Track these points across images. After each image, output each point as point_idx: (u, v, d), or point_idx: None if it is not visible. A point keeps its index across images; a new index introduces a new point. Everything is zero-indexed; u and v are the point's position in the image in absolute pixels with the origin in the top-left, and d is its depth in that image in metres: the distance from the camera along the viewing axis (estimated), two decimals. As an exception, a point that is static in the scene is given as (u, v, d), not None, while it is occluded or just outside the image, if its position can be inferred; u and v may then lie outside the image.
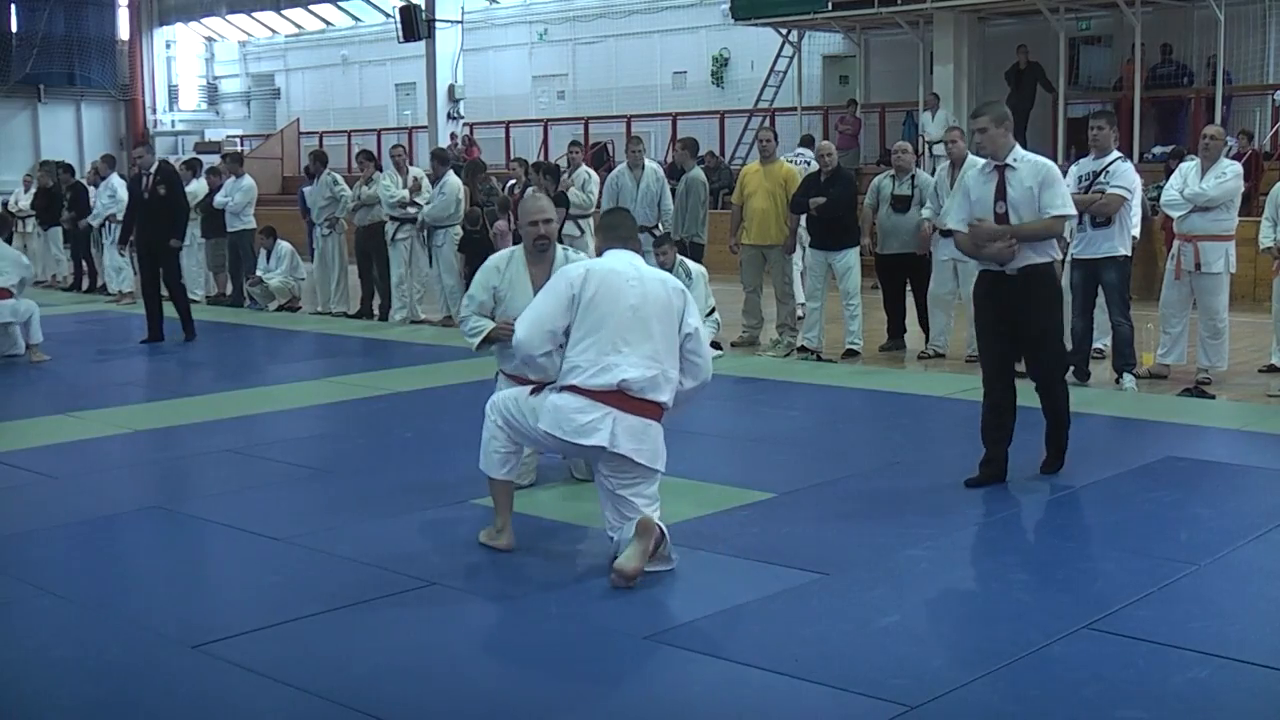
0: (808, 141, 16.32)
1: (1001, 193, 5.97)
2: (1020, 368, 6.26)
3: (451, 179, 12.59)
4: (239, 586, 4.90)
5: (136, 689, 3.90)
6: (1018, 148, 6.07)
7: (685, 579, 4.96)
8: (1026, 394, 6.21)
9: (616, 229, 5.19)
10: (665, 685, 3.94)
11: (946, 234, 9.67)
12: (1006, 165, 5.99)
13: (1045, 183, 5.94)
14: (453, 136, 23.34)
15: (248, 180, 14.50)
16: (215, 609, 4.58)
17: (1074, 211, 6.12)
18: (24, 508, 6.00)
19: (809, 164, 12.91)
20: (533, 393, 4.98)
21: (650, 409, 4.86)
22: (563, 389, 4.85)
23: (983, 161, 6.26)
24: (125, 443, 7.45)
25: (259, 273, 14.15)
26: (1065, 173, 9.76)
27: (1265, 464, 6.68)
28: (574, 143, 14.64)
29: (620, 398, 4.78)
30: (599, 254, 5.29)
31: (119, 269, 15.09)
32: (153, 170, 11.65)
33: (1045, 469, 6.18)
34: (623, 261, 5.01)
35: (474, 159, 17.81)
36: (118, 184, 15.72)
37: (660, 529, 4.77)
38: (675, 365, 4.94)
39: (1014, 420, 6.07)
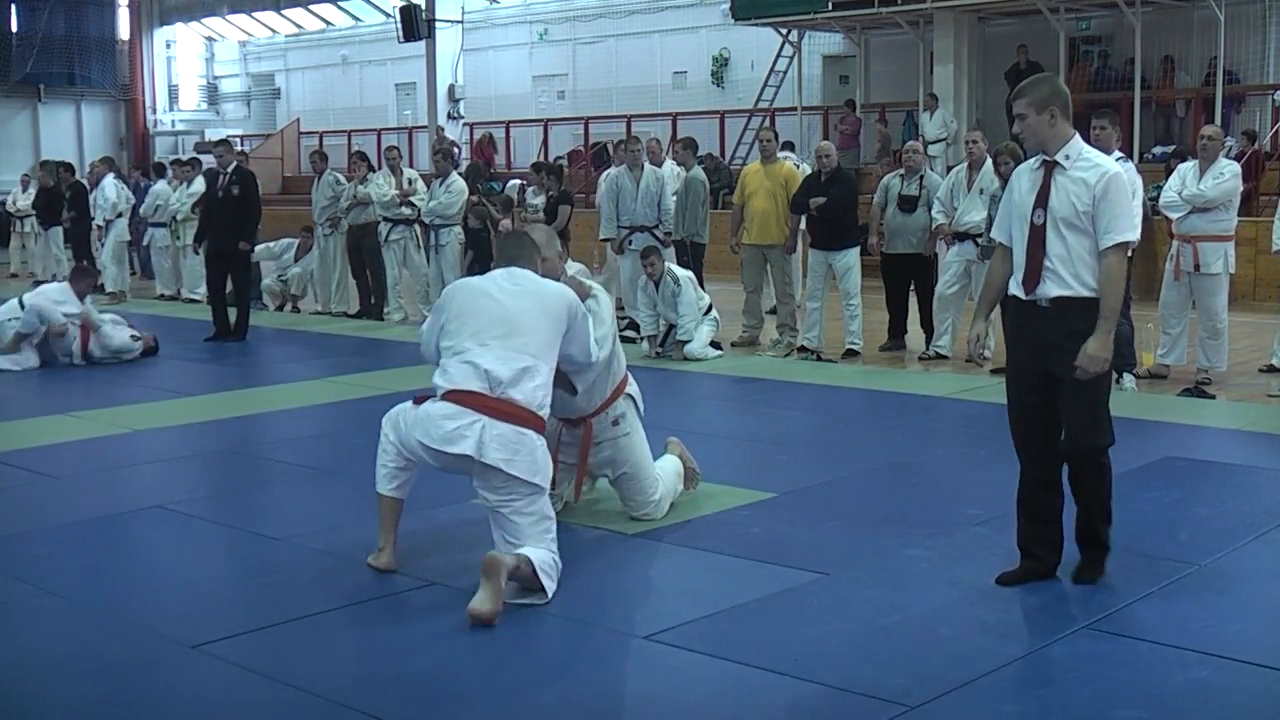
0: (788, 145, 16.29)
1: (1043, 199, 4.60)
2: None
3: (457, 178, 12.61)
4: (239, 586, 4.90)
5: (136, 689, 3.90)
6: (1075, 141, 4.63)
7: (685, 579, 4.96)
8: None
9: (503, 249, 5.15)
10: (665, 685, 3.94)
11: (960, 237, 9.71)
12: (1055, 163, 4.61)
13: (1106, 195, 4.50)
14: (441, 134, 23.28)
15: (252, 180, 14.51)
16: (215, 609, 4.58)
17: (1138, 236, 4.61)
18: (24, 508, 6.00)
19: (798, 165, 12.92)
20: (416, 402, 4.77)
21: (526, 417, 4.59)
22: (439, 398, 4.67)
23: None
24: (125, 443, 7.45)
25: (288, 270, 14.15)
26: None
27: (1265, 464, 6.69)
28: (622, 142, 14.07)
29: (492, 404, 4.55)
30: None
31: (103, 267, 15.15)
32: (229, 170, 11.66)
33: (1080, 576, 4.69)
34: (499, 274, 4.92)
35: (473, 162, 17.83)
36: (110, 187, 15.74)
37: (524, 561, 4.45)
38: (550, 365, 4.76)
39: (1062, 500, 4.78)
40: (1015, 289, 4.70)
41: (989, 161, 9.48)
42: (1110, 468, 4.73)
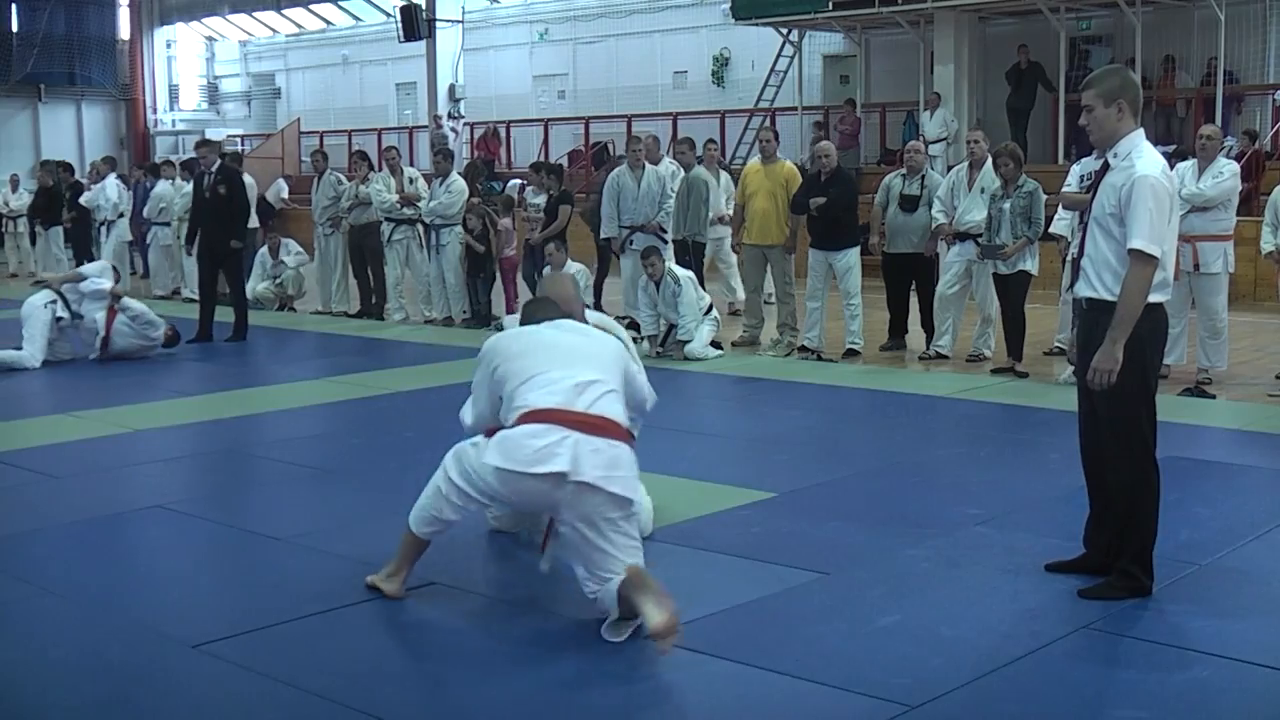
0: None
1: (1094, 198, 4.54)
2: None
3: (457, 177, 12.61)
4: (239, 586, 4.90)
5: (137, 689, 3.90)
6: (1129, 139, 4.44)
7: (685, 579, 4.95)
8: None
9: (536, 314, 4.68)
10: (665, 685, 3.93)
11: (961, 237, 9.72)
12: (1106, 162, 4.50)
13: (1130, 199, 4.32)
14: (439, 121, 23.31)
15: (248, 179, 14.51)
16: (215, 609, 4.58)
17: (1157, 251, 4.30)
18: (24, 508, 6.00)
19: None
20: (488, 434, 4.31)
21: (618, 431, 4.22)
22: (521, 420, 4.20)
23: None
24: (125, 443, 7.45)
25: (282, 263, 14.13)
26: (1068, 172, 9.85)
27: (1265, 464, 6.69)
28: (684, 140, 13.32)
29: (581, 418, 4.13)
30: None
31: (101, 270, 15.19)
32: (214, 169, 11.68)
33: (1087, 590, 4.54)
34: (545, 325, 4.54)
35: (473, 161, 17.83)
36: (112, 186, 15.76)
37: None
38: (624, 402, 4.42)
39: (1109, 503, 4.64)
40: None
41: (990, 161, 9.48)
42: (1142, 492, 4.49)
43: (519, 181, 17.69)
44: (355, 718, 3.64)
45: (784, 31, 19.93)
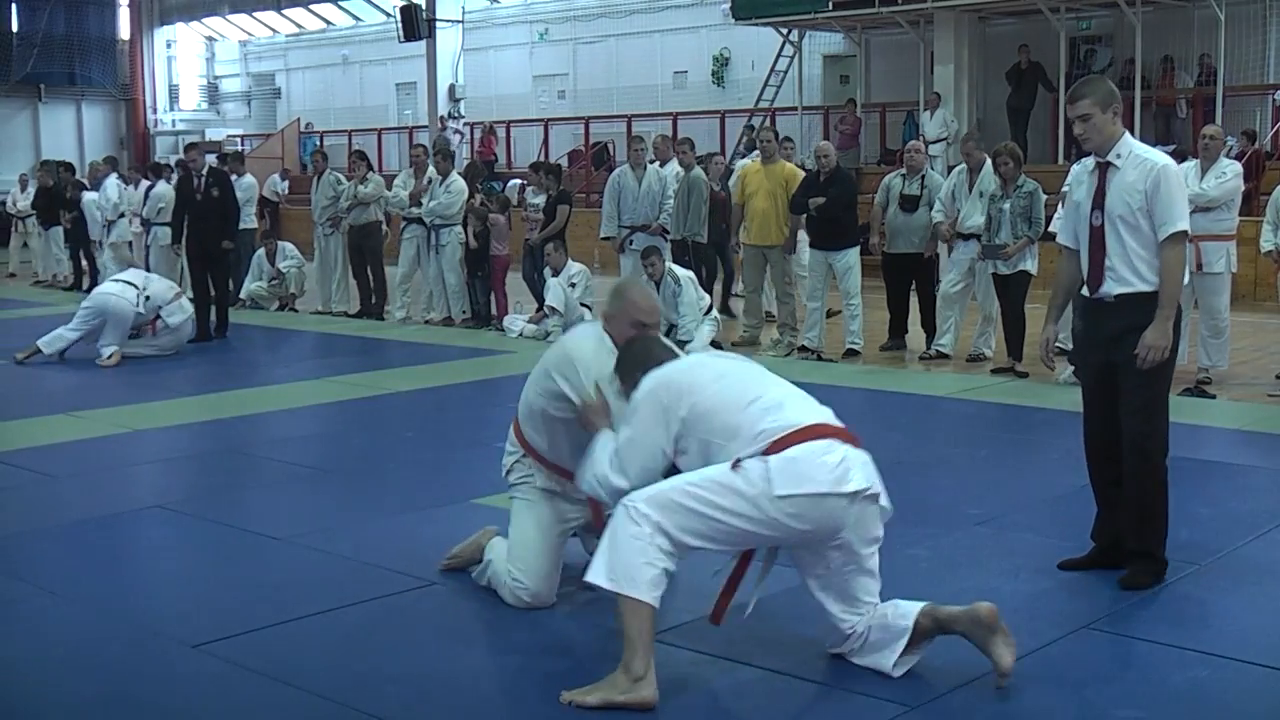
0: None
1: (1100, 200, 4.68)
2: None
3: (457, 177, 12.61)
4: (239, 586, 4.90)
5: (137, 688, 3.91)
6: (1127, 139, 4.72)
7: (685, 579, 4.94)
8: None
9: (653, 353, 4.09)
10: (665, 685, 3.93)
11: (964, 237, 9.71)
12: (1108, 164, 4.68)
13: (1158, 188, 4.57)
14: (444, 122, 23.33)
15: (248, 179, 14.55)
16: (215, 609, 4.58)
17: (1188, 227, 4.68)
18: (24, 508, 6.01)
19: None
20: (734, 466, 3.67)
21: (860, 442, 3.91)
22: (788, 442, 3.68)
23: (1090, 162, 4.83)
24: (125, 443, 7.45)
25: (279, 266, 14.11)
26: (1068, 172, 9.86)
27: (1265, 464, 6.69)
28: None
29: (843, 432, 3.85)
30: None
31: (104, 266, 15.20)
32: (204, 172, 11.74)
33: (1124, 581, 4.63)
34: (693, 358, 4.17)
35: (472, 161, 17.83)
36: (112, 187, 15.76)
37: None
38: None
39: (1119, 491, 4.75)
40: (1084, 289, 4.83)
41: (988, 163, 9.48)
42: (1163, 476, 4.71)
43: (519, 182, 17.70)
44: (355, 717, 3.64)
45: (784, 31, 19.93)
